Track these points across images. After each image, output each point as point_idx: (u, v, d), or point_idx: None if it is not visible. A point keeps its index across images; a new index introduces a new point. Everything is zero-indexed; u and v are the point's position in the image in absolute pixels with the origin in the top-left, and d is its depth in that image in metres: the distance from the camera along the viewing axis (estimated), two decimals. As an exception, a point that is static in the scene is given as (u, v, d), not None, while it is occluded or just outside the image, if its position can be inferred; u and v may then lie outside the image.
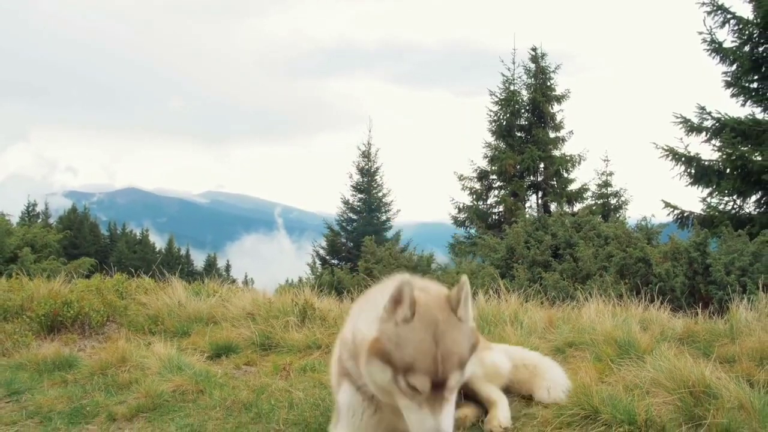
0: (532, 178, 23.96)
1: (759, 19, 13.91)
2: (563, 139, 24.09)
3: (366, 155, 29.09)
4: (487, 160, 24.00)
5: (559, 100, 24.27)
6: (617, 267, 8.94)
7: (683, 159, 14.32)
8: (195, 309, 6.30)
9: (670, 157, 14.46)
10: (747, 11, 14.35)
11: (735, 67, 14.56)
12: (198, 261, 61.09)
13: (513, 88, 24.41)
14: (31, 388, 4.19)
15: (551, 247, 10.64)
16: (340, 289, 9.70)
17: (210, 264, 56.33)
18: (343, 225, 28.52)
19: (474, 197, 23.98)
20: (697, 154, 14.26)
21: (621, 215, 21.84)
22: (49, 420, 3.59)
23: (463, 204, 23.94)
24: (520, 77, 24.55)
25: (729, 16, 14.39)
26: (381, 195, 29.15)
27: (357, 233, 26.89)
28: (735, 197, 13.97)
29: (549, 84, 24.22)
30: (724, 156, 13.51)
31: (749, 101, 14.46)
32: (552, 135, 24.08)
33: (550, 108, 24.04)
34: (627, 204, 22.66)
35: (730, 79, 14.63)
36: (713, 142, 14.28)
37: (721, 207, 14.17)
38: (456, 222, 23.98)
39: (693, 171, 14.25)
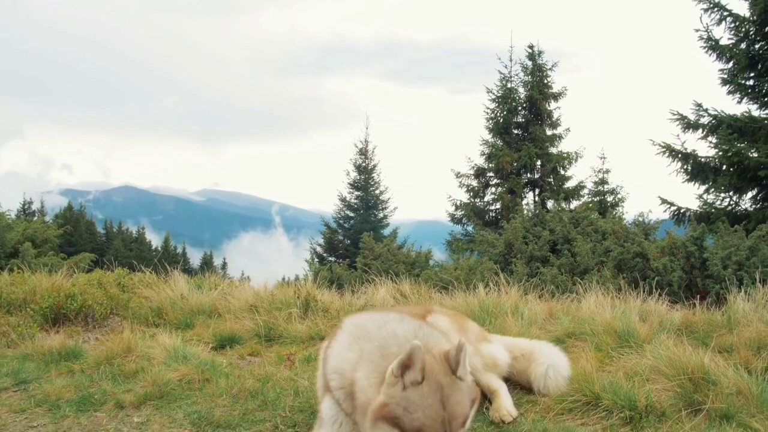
0: (529, 175, 23.95)
1: (755, 17, 13.96)
2: (560, 137, 24.12)
3: (363, 152, 29.02)
4: (485, 157, 24.02)
5: (556, 97, 24.30)
6: (615, 262, 8.97)
7: (680, 156, 14.36)
8: (197, 302, 6.35)
9: (666, 154, 14.49)
10: (743, 9, 14.42)
11: (731, 65, 14.59)
12: (195, 259, 61.03)
13: (510, 85, 24.42)
14: (38, 377, 4.23)
15: (549, 243, 10.69)
16: (340, 284, 9.73)
17: (206, 262, 56.29)
18: (341, 222, 28.45)
19: (471, 194, 23.99)
20: (694, 150, 14.30)
21: (617, 213, 21.93)
22: (58, 408, 3.63)
23: (460, 201, 23.97)
24: (517, 74, 24.56)
25: (725, 13, 14.42)
26: (378, 192, 29.09)
27: (354, 230, 26.83)
28: (731, 194, 14.00)
29: (546, 81, 24.23)
30: (720, 153, 13.55)
31: (745, 98, 14.49)
32: (549, 132, 24.10)
33: (547, 105, 24.06)
34: (623, 201, 22.79)
35: (726, 77, 14.66)
36: (710, 138, 14.32)
37: (718, 203, 14.20)
38: (453, 219, 24.00)
39: (689, 168, 14.28)
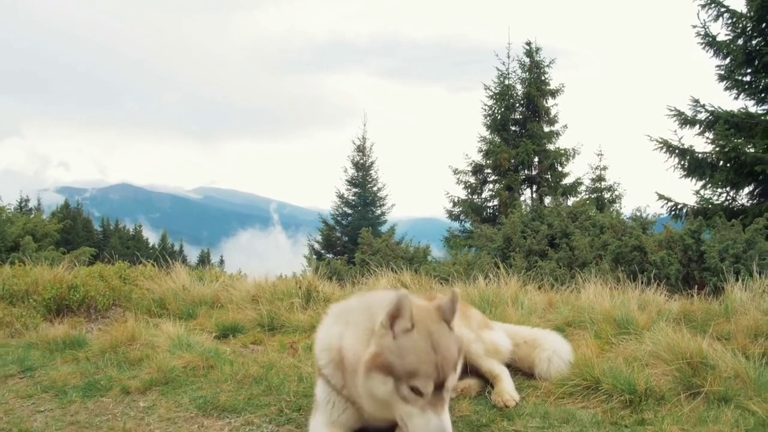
0: (526, 171, 24.04)
1: (752, 13, 14.01)
2: (557, 133, 24.22)
3: (361, 149, 29.06)
4: (482, 154, 24.10)
5: (554, 94, 24.38)
6: (613, 255, 9.04)
7: (677, 151, 14.41)
8: (199, 293, 6.39)
9: (663, 150, 14.54)
10: (740, 5, 14.43)
11: (728, 61, 14.65)
12: (192, 257, 61.03)
13: (508, 82, 24.50)
14: (44, 365, 4.26)
15: (547, 237, 10.76)
16: (339, 278, 9.79)
17: (204, 259, 56.24)
18: (338, 219, 28.49)
19: (469, 191, 24.07)
20: (691, 146, 14.35)
21: (615, 209, 22.01)
22: (65, 393, 3.66)
23: (458, 198, 24.04)
24: (514, 71, 24.67)
25: (723, 9, 14.48)
26: (376, 189, 29.13)
27: (352, 227, 26.87)
28: (728, 189, 14.07)
29: (543, 78, 24.32)
30: (717, 148, 13.60)
31: (742, 94, 14.56)
32: (546, 129, 24.19)
33: (544, 102, 24.15)
34: (621, 198, 22.89)
35: (723, 73, 14.72)
36: (707, 134, 14.37)
37: (715, 199, 14.27)
38: (451, 216, 24.08)
39: (686, 163, 14.33)
